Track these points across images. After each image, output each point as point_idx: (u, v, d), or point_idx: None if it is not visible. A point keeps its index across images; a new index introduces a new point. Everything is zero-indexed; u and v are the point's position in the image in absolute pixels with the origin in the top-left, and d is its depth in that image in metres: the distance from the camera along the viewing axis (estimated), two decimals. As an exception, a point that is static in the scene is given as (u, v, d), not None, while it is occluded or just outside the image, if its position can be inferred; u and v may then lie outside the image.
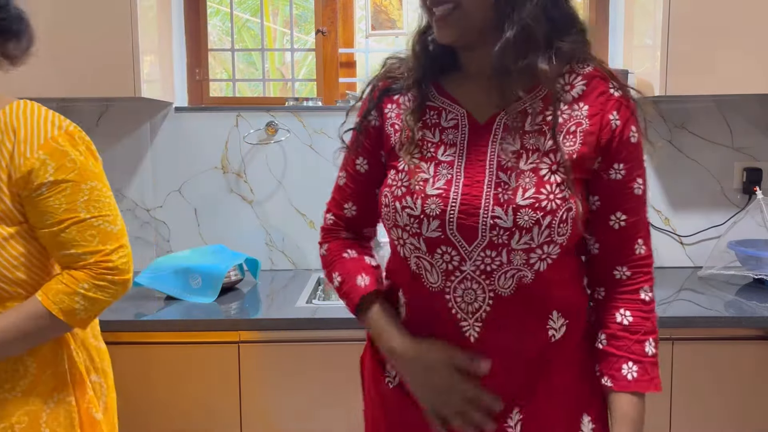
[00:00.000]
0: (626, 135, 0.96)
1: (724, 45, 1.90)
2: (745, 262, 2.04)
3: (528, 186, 0.91)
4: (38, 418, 1.11)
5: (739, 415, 1.74)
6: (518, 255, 0.92)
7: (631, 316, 0.99)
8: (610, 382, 0.97)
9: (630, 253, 0.99)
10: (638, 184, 0.98)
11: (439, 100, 1.02)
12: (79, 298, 1.09)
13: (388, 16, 2.39)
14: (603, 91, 0.96)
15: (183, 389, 1.72)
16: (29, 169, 1.05)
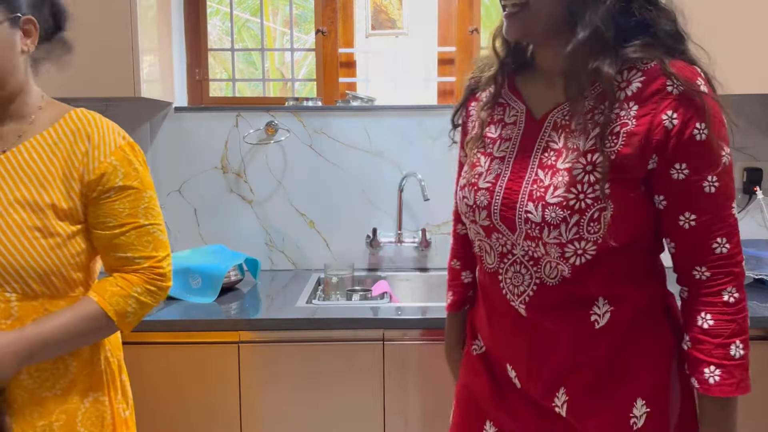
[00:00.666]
0: (687, 134, 0.93)
1: (724, 45, 1.90)
2: (745, 262, 2.04)
3: (559, 185, 0.95)
4: (75, 416, 1.13)
5: (740, 416, 1.73)
6: (553, 248, 0.97)
7: (712, 319, 0.99)
8: (697, 384, 0.99)
9: (708, 252, 0.98)
10: (708, 183, 0.95)
11: (508, 96, 1.08)
12: (132, 301, 1.14)
13: (388, 16, 2.39)
14: (658, 90, 0.94)
15: (183, 389, 1.72)
16: (102, 173, 1.11)
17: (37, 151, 1.10)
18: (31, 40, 1.09)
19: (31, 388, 1.09)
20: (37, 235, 1.06)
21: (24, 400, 1.09)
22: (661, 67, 0.95)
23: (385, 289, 2.04)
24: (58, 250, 1.09)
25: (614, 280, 1.00)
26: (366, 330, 1.71)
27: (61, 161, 1.10)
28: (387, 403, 1.72)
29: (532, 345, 1.05)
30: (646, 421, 1.02)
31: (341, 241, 2.28)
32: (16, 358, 1.02)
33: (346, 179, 2.26)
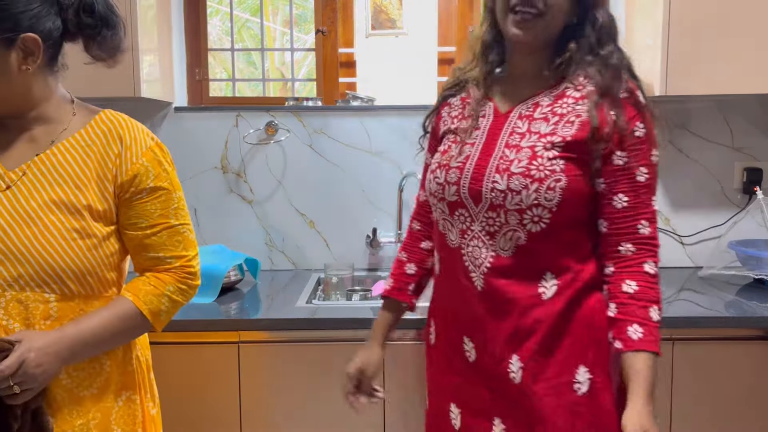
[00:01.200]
0: (629, 129, 1.13)
1: (724, 45, 1.90)
2: (745, 262, 2.04)
3: (522, 158, 1.14)
4: (109, 415, 1.15)
5: (739, 415, 1.73)
6: (513, 215, 1.13)
7: (636, 286, 1.13)
8: (620, 344, 1.11)
9: (634, 231, 1.14)
10: (641, 172, 1.14)
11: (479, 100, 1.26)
12: (165, 300, 1.16)
13: (388, 16, 2.39)
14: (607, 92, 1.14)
15: (183, 389, 1.72)
16: (135, 174, 1.12)
17: (70, 153, 1.11)
18: (34, 58, 1.05)
19: (70, 388, 1.11)
20: (75, 237, 1.07)
21: (63, 400, 1.10)
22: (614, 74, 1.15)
23: (385, 289, 2.03)
24: (95, 251, 1.10)
25: (561, 255, 1.16)
26: (366, 330, 1.69)
27: (95, 163, 1.11)
28: (387, 403, 1.72)
29: (488, 315, 1.18)
30: (590, 387, 1.14)
31: (341, 241, 2.28)
32: (58, 357, 1.04)
33: (346, 179, 2.26)
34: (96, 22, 1.10)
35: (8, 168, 1.08)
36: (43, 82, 1.10)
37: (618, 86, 1.14)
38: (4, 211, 1.06)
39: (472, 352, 1.21)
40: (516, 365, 1.16)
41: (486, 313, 1.18)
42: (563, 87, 1.18)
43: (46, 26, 1.06)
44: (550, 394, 1.14)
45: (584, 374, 1.14)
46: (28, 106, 1.10)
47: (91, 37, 1.11)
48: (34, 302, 1.06)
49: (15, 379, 0.98)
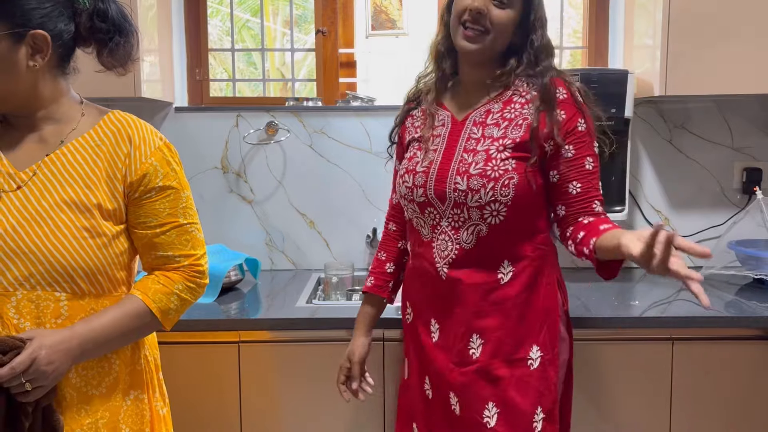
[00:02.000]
0: (572, 125, 1.30)
1: (724, 45, 1.90)
2: (745, 262, 2.04)
3: (479, 161, 1.29)
4: (117, 414, 1.16)
5: (739, 415, 1.74)
6: (474, 211, 1.29)
7: (592, 218, 1.30)
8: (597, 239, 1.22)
9: (590, 210, 1.31)
10: (588, 161, 1.32)
11: (434, 108, 1.43)
12: (174, 298, 1.17)
13: (388, 16, 2.39)
14: (549, 95, 1.30)
15: (183, 389, 1.72)
16: (144, 173, 1.13)
17: (80, 153, 1.12)
18: (42, 56, 1.07)
19: (79, 386, 1.12)
20: (86, 235, 1.08)
21: (72, 398, 1.11)
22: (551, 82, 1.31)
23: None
24: (105, 250, 1.11)
25: (517, 244, 1.32)
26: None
27: (104, 162, 1.12)
28: (387, 403, 1.72)
29: (451, 300, 1.34)
30: (540, 363, 1.32)
31: (341, 241, 2.28)
32: (69, 355, 1.05)
33: (346, 179, 2.26)
34: (109, 27, 1.12)
35: (19, 168, 1.10)
36: (53, 82, 1.12)
37: (555, 91, 1.30)
38: (15, 211, 1.07)
39: (437, 334, 1.39)
40: (477, 342, 1.33)
41: (450, 298, 1.35)
42: (509, 94, 1.34)
43: (57, 27, 1.08)
44: (505, 367, 1.31)
45: (536, 352, 1.32)
46: (36, 104, 1.11)
47: (103, 42, 1.13)
48: (45, 301, 1.07)
49: (27, 376, 0.99)
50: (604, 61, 2.35)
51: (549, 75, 1.32)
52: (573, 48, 2.48)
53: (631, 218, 2.25)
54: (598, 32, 2.35)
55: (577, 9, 2.51)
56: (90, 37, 1.13)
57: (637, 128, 2.21)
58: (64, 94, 1.15)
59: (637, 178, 2.26)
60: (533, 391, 1.31)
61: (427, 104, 1.43)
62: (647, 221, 2.27)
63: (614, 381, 1.72)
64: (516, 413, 1.30)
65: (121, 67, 1.17)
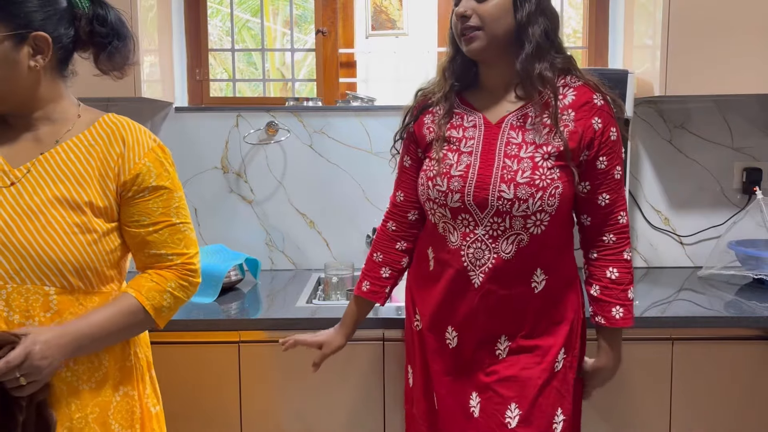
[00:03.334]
0: (606, 135, 1.30)
1: (724, 45, 1.90)
2: (744, 262, 2.04)
3: (526, 169, 1.25)
4: (107, 409, 1.17)
5: (739, 415, 1.74)
6: (518, 220, 1.26)
7: (617, 272, 1.34)
8: (603, 321, 1.36)
9: (615, 222, 1.34)
10: (617, 170, 1.32)
11: (462, 108, 1.37)
12: (167, 296, 1.19)
13: (388, 16, 2.39)
14: (588, 101, 1.29)
15: (183, 389, 1.72)
16: (138, 173, 1.16)
17: (74, 152, 1.15)
18: (43, 56, 1.10)
19: (70, 381, 1.13)
20: (76, 231, 1.10)
21: (62, 392, 1.13)
22: (588, 84, 1.31)
23: (385, 289, 2.04)
24: (95, 246, 1.13)
25: (550, 253, 1.32)
26: (366, 330, 1.71)
27: (97, 162, 1.14)
28: (387, 403, 1.72)
29: (483, 308, 1.32)
30: (563, 366, 1.34)
31: (341, 241, 2.28)
32: (63, 350, 1.07)
33: (346, 179, 2.26)
34: (108, 32, 1.17)
35: (13, 165, 1.12)
36: (51, 83, 1.15)
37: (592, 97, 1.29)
38: (8, 207, 1.09)
39: (454, 341, 1.36)
40: (504, 344, 1.34)
41: (479, 307, 1.32)
42: (547, 97, 1.29)
43: (58, 30, 1.12)
44: (531, 369, 1.32)
45: (561, 354, 1.34)
46: (35, 105, 1.15)
47: (102, 47, 1.17)
48: (34, 295, 1.09)
49: (21, 370, 1.01)
50: (604, 61, 2.35)
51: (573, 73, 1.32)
52: (573, 48, 2.48)
53: (631, 218, 2.25)
54: (598, 32, 2.35)
55: (577, 9, 2.51)
56: (89, 41, 1.17)
57: (637, 128, 2.21)
58: (62, 96, 1.18)
59: (637, 178, 2.26)
60: (555, 393, 1.32)
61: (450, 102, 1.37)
62: (647, 221, 2.27)
63: (614, 381, 1.71)
64: (538, 414, 1.30)
65: (118, 71, 1.21)
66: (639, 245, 2.28)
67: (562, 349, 1.33)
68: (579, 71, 1.33)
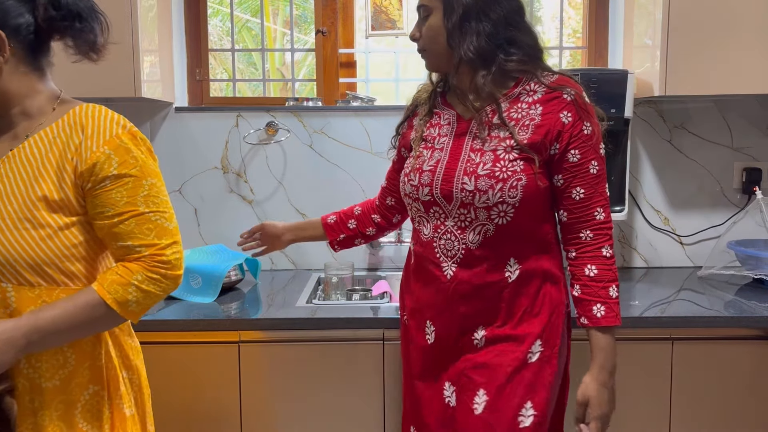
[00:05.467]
0: (578, 128, 1.30)
1: (724, 45, 1.90)
2: (744, 262, 2.04)
3: (487, 161, 1.29)
4: (73, 408, 1.14)
5: (739, 415, 1.74)
6: (482, 212, 1.30)
7: (596, 269, 1.32)
8: (586, 320, 1.33)
9: (591, 218, 1.33)
10: (593, 165, 1.31)
11: (441, 107, 1.44)
12: (133, 290, 1.12)
13: (388, 16, 2.39)
14: (556, 96, 1.30)
15: (183, 389, 1.72)
16: (94, 162, 1.10)
17: (38, 146, 1.12)
18: (1, 53, 1.08)
19: (30, 377, 1.12)
20: (27, 226, 1.08)
21: (24, 388, 1.12)
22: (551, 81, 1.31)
23: (385, 289, 2.04)
24: (50, 242, 1.09)
25: (524, 243, 1.33)
26: (366, 330, 1.71)
27: (56, 154, 1.11)
28: (387, 403, 1.72)
29: (456, 299, 1.34)
30: (538, 359, 1.32)
31: (341, 241, 2.28)
32: (13, 345, 1.04)
33: (346, 179, 2.26)
34: (64, 14, 1.11)
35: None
36: (23, 78, 1.13)
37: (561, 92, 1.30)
38: None
39: (432, 336, 1.39)
40: (480, 334, 1.34)
41: (454, 298, 1.34)
42: (517, 93, 1.33)
43: (16, 22, 1.09)
44: (503, 356, 1.32)
45: (537, 346, 1.32)
46: (8, 101, 1.13)
47: (62, 31, 1.13)
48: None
49: None
50: (604, 61, 2.35)
51: (555, 75, 1.32)
52: (573, 48, 2.48)
53: (630, 218, 2.25)
54: (598, 32, 2.35)
55: (577, 9, 2.51)
56: (49, 28, 1.12)
57: (636, 128, 2.21)
58: (38, 90, 1.15)
59: (636, 178, 2.26)
60: (525, 384, 1.30)
61: (431, 103, 1.45)
62: (647, 221, 2.27)
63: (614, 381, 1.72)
64: (503, 402, 1.29)
65: (86, 55, 1.16)
66: (639, 245, 2.28)
67: (538, 341, 1.32)
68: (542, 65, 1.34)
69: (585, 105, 1.31)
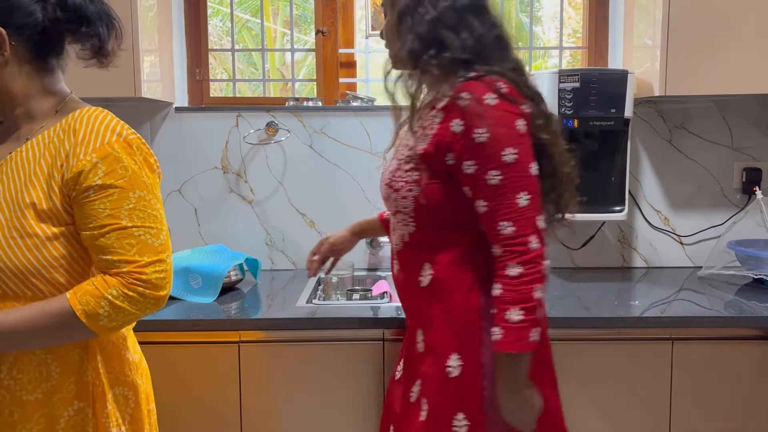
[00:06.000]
0: (470, 137, 1.18)
1: (724, 45, 1.90)
2: (744, 262, 2.04)
3: (391, 169, 1.32)
4: (56, 423, 1.11)
5: (739, 415, 1.74)
6: (395, 216, 1.34)
7: (500, 289, 1.20)
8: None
9: (496, 233, 1.20)
10: (491, 176, 1.18)
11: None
12: (105, 304, 1.05)
13: (388, 16, 2.39)
14: (452, 103, 1.20)
15: (183, 389, 1.72)
16: (79, 170, 1.05)
17: (33, 151, 1.09)
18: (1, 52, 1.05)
19: (12, 389, 1.09)
20: (15, 235, 1.04)
21: (4, 400, 1.08)
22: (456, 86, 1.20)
23: (385, 289, 2.04)
24: (36, 252, 1.05)
25: (436, 251, 1.29)
26: (366, 330, 1.71)
27: (48, 161, 1.08)
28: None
29: (400, 295, 1.42)
30: (461, 372, 1.24)
31: (341, 241, 2.28)
32: None
33: (346, 179, 2.26)
34: (69, 17, 1.08)
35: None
36: (27, 79, 1.10)
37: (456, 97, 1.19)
38: None
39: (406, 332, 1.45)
40: (420, 337, 1.34)
41: (400, 295, 1.42)
42: (434, 98, 1.25)
43: (21, 21, 1.06)
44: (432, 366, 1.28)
45: (456, 360, 1.25)
46: (11, 102, 1.11)
47: (69, 33, 1.10)
48: None
49: None
50: (604, 61, 2.35)
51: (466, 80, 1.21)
52: (573, 48, 2.48)
53: (630, 218, 2.25)
54: (598, 32, 2.35)
55: (577, 9, 2.51)
56: (54, 29, 1.09)
57: (636, 128, 2.21)
58: (44, 91, 1.12)
59: (636, 178, 2.26)
60: (453, 396, 1.25)
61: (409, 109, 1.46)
62: (647, 221, 2.27)
63: (614, 381, 1.72)
64: (438, 412, 1.26)
65: (93, 59, 1.13)
66: (639, 245, 2.28)
67: (455, 355, 1.25)
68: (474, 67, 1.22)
69: (480, 110, 1.17)
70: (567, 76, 1.96)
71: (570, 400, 1.73)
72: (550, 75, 1.98)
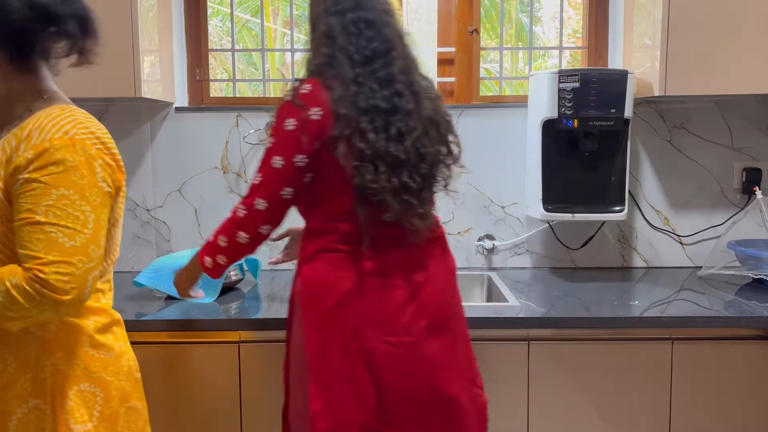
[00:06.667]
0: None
1: (724, 45, 1.90)
2: (744, 262, 2.04)
3: None
4: (7, 420, 1.10)
5: (739, 415, 1.74)
6: None
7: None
8: None
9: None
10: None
11: None
12: (3, 290, 1.03)
13: (388, 16, 2.38)
14: None
15: (183, 389, 1.72)
16: (16, 166, 1.06)
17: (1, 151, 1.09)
18: None
19: None
20: None
21: None
22: None
23: (385, 289, 2.04)
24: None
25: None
26: (366, 330, 1.70)
27: (2, 159, 1.08)
28: (387, 403, 1.72)
29: None
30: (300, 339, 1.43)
31: (341, 241, 2.28)
32: None
33: (346, 179, 2.26)
34: (36, 16, 1.08)
35: None
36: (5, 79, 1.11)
37: None
38: None
39: None
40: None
41: None
42: None
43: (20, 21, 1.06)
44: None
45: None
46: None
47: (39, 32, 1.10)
48: None
49: None
50: (604, 61, 2.35)
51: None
52: (573, 48, 2.48)
53: (630, 218, 2.25)
54: (598, 32, 2.35)
55: (577, 9, 2.51)
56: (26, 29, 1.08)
57: (636, 128, 2.21)
58: (24, 91, 1.13)
59: (636, 178, 2.26)
60: (296, 361, 1.49)
61: None
62: (647, 221, 2.27)
63: (614, 381, 1.72)
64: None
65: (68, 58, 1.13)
66: (639, 245, 2.28)
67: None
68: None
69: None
70: (567, 76, 1.96)
71: (570, 400, 1.73)
72: (550, 75, 1.98)
